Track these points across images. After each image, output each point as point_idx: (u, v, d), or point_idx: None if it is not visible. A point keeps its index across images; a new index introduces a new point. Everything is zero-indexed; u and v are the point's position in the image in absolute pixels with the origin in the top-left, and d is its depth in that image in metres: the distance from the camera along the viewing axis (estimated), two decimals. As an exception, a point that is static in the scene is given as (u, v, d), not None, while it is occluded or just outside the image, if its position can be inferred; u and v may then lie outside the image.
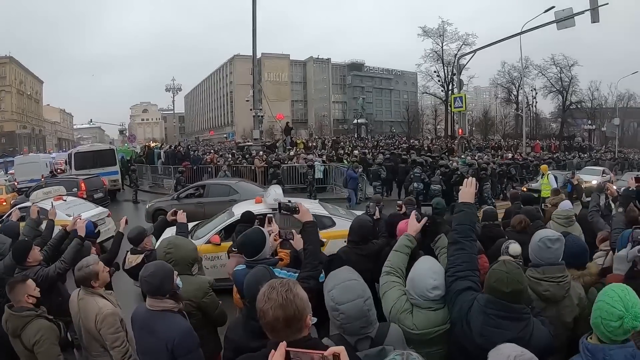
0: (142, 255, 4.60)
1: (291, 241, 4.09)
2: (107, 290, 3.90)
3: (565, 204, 6.97)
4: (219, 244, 7.80)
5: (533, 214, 6.29)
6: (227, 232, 7.87)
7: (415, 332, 2.70)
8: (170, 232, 5.38)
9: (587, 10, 20.62)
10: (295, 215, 3.66)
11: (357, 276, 2.50)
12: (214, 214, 10.13)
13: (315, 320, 2.01)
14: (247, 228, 6.62)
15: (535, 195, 15.35)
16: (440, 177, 17.23)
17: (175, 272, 3.13)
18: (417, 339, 2.71)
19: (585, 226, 5.72)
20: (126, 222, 5.63)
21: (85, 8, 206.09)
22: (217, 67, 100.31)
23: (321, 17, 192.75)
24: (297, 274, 3.45)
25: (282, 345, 1.54)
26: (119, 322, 3.63)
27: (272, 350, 1.56)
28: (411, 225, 3.42)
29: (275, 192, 8.49)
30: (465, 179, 3.36)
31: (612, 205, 6.22)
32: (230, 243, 6.05)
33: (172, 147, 30.79)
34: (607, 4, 20.26)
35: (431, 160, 22.88)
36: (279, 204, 3.68)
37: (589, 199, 7.82)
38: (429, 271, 2.80)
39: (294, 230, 4.23)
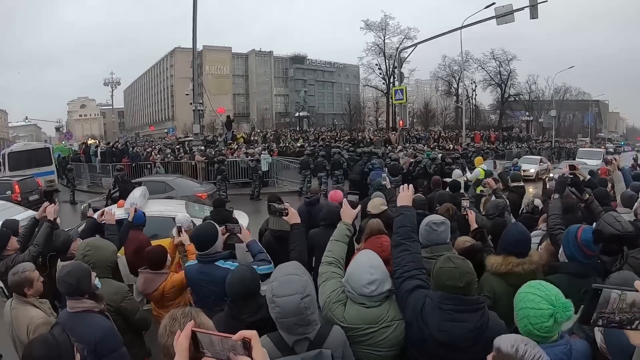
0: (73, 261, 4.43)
1: (239, 235, 4.12)
2: (41, 299, 3.72)
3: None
4: None
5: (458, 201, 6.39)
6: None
7: (344, 324, 2.63)
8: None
9: (527, 7, 21.44)
10: (284, 218, 3.72)
11: (303, 272, 2.43)
12: (149, 212, 9.71)
13: None
14: (219, 214, 6.54)
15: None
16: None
17: (94, 273, 3.10)
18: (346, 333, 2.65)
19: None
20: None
21: (18, 2, 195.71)
22: (157, 60, 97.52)
23: (266, 11, 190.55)
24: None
25: (189, 326, 1.42)
26: None
27: (179, 331, 1.44)
28: (347, 213, 3.43)
29: (132, 196, 7.73)
30: (403, 185, 3.44)
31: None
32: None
33: (110, 144, 29.74)
34: (546, 0, 21.14)
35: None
36: (269, 206, 3.69)
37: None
38: (366, 266, 2.75)
39: (240, 225, 4.22)
